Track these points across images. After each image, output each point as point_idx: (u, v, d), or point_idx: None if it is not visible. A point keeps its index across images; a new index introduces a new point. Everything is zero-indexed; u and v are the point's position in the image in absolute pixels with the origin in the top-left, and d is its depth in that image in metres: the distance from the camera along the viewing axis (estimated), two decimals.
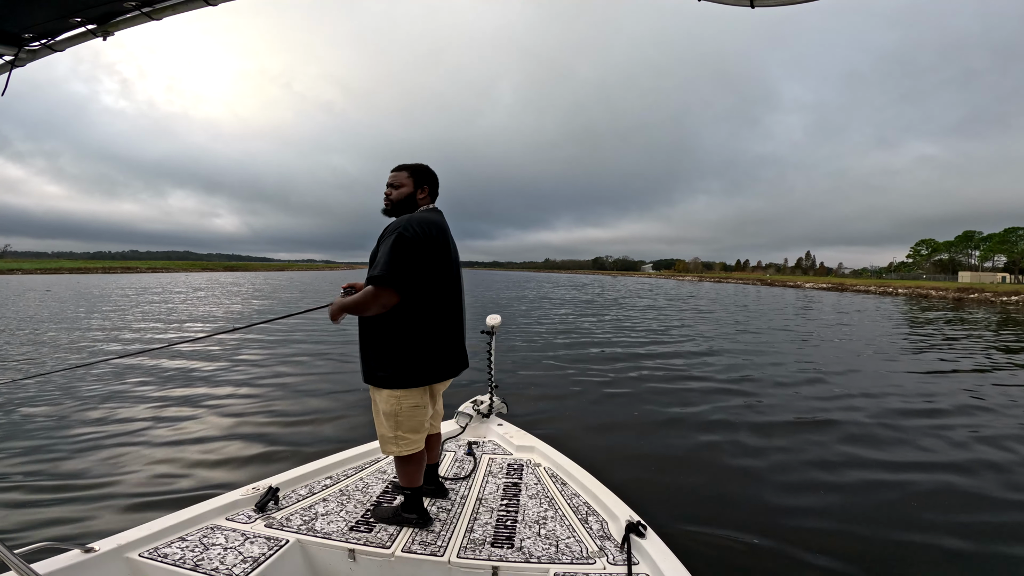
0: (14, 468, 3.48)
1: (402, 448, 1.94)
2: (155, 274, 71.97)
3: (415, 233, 1.80)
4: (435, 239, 1.88)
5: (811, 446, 4.28)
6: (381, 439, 1.99)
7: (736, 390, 6.25)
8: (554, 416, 5.04)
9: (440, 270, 1.91)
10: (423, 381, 1.93)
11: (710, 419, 4.98)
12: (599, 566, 1.72)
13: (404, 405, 1.91)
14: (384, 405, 1.92)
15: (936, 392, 6.34)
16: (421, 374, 1.92)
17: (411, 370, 1.89)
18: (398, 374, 1.88)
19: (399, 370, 1.88)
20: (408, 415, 1.92)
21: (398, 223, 1.84)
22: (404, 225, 1.81)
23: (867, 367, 8.08)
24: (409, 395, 1.91)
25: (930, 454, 4.13)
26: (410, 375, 1.89)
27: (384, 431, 1.96)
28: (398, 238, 1.77)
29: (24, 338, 9.71)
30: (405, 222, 1.83)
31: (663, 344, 10.26)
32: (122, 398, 5.36)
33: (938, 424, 4.94)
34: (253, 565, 1.66)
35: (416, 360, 1.89)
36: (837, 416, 5.14)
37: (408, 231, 1.79)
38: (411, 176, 1.99)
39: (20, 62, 1.43)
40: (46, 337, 9.86)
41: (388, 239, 1.79)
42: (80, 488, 3.20)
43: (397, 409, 1.91)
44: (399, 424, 1.92)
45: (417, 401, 1.94)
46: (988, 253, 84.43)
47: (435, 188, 2.08)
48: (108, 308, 16.74)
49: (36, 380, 5.92)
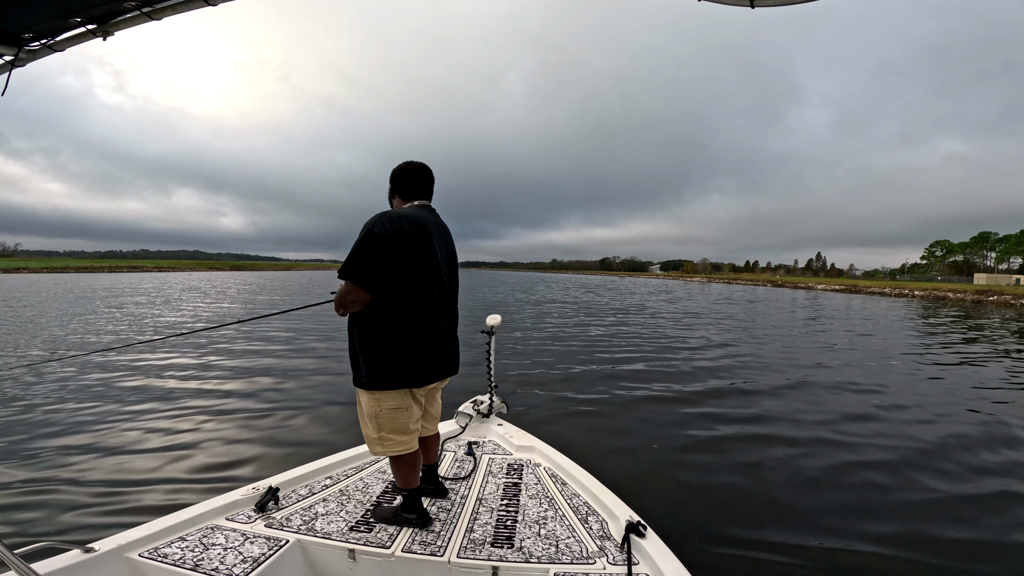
0: (14, 468, 3.50)
1: (388, 449, 1.92)
2: (160, 273, 71.58)
3: (384, 229, 1.76)
4: (410, 235, 1.81)
5: (811, 446, 4.23)
6: (367, 439, 1.98)
7: (738, 390, 6.19)
8: (554, 415, 5.02)
9: (418, 268, 1.85)
10: (401, 384, 1.87)
11: (710, 418, 4.93)
12: (599, 566, 1.71)
13: (384, 407, 1.88)
14: (366, 407, 1.92)
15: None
16: (399, 376, 1.86)
17: (388, 372, 1.85)
18: (376, 375, 1.85)
19: (377, 371, 1.84)
20: (389, 417, 1.89)
21: (371, 219, 1.81)
22: (375, 220, 1.79)
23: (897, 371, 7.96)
24: (387, 397, 1.88)
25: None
26: (387, 377, 1.85)
27: (368, 432, 1.95)
28: (366, 233, 1.75)
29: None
30: (377, 218, 1.80)
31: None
32: (122, 398, 5.39)
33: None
34: (253, 565, 1.65)
35: (393, 362, 1.84)
36: (839, 417, 5.08)
37: (378, 227, 1.76)
38: (390, 181, 2.06)
39: (20, 62, 1.45)
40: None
41: (361, 233, 1.78)
42: (80, 488, 3.22)
43: (377, 411, 1.89)
44: (381, 426, 1.90)
45: (397, 403, 1.89)
46: (1004, 255, 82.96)
47: (403, 187, 2.03)
48: (79, 311, 15.00)
49: (36, 380, 5.98)
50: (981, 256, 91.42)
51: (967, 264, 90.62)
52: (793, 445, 4.24)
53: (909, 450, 4.19)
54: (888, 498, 3.30)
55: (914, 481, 3.58)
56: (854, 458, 3.98)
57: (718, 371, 7.43)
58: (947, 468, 3.81)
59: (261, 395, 5.64)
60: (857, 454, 4.07)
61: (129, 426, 4.45)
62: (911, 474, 3.69)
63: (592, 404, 5.50)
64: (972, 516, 3.06)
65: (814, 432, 4.60)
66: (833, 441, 4.36)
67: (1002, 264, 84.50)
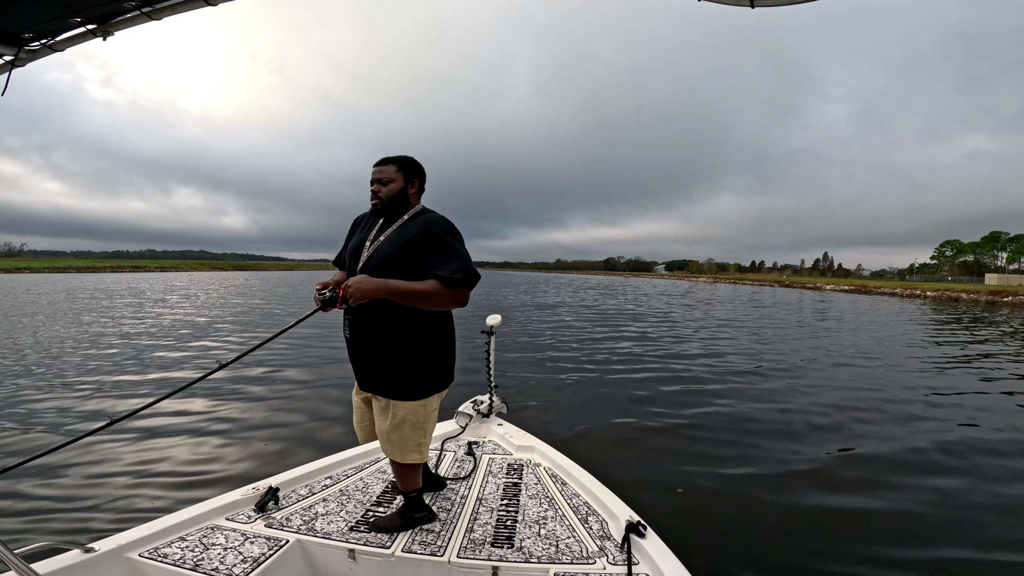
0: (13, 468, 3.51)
1: (424, 454, 1.92)
2: (162, 273, 71.01)
3: (460, 237, 1.85)
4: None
5: (814, 446, 4.21)
6: (405, 449, 1.85)
7: (739, 391, 6.15)
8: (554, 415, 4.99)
9: None
10: (443, 386, 1.94)
11: (712, 419, 4.91)
12: (599, 566, 1.70)
13: (429, 412, 1.90)
14: (412, 415, 1.85)
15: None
16: (443, 379, 1.93)
17: (438, 376, 1.89)
18: (430, 381, 1.86)
19: (430, 377, 1.86)
20: (432, 420, 1.93)
21: (451, 225, 1.82)
22: (455, 228, 1.83)
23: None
24: (432, 402, 1.91)
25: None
26: (437, 381, 1.89)
27: (413, 440, 1.86)
28: (461, 242, 1.81)
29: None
30: (454, 226, 1.83)
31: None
32: (121, 398, 5.41)
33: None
34: (253, 565, 1.65)
35: (441, 366, 1.90)
36: (849, 419, 5.02)
37: (458, 235, 1.83)
38: (400, 170, 1.86)
39: (20, 62, 1.46)
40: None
41: (446, 238, 1.76)
42: (80, 488, 3.23)
43: (424, 417, 1.88)
44: (425, 432, 1.90)
45: (435, 406, 1.94)
46: (1016, 254, 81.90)
47: (424, 182, 1.94)
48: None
49: (35, 380, 6.03)
50: (992, 256, 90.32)
51: (977, 264, 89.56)
52: (796, 446, 4.20)
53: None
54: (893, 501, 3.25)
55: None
56: (858, 463, 3.91)
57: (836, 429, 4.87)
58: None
59: (261, 395, 5.66)
60: (865, 457, 4.01)
61: (129, 425, 4.45)
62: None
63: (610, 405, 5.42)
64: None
65: (818, 434, 4.53)
66: (838, 441, 4.31)
67: (1013, 264, 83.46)
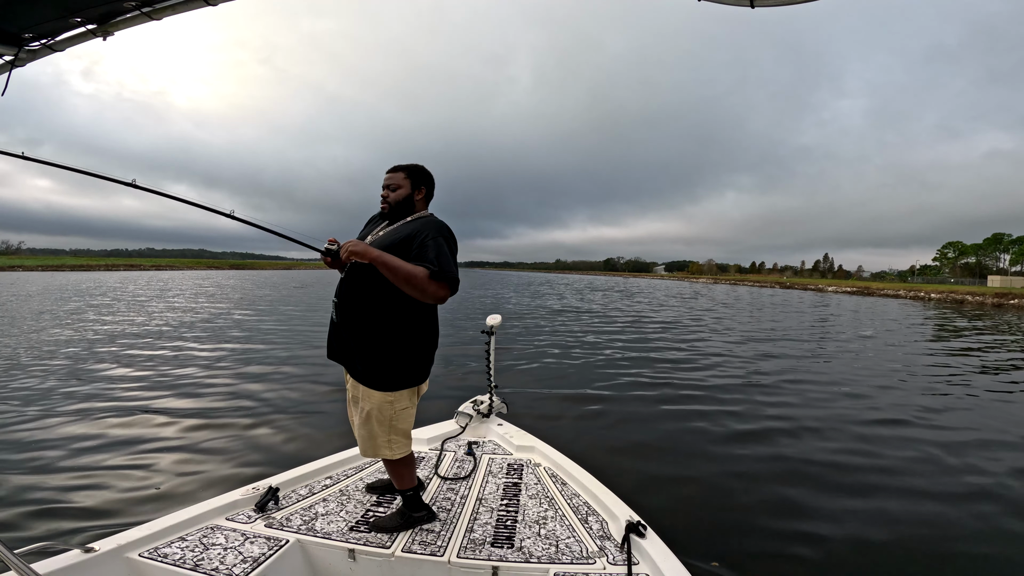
0: (13, 468, 3.50)
1: (395, 451, 1.92)
2: (158, 272, 69.81)
3: (455, 244, 1.91)
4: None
5: (815, 447, 4.20)
6: (371, 443, 1.91)
7: (740, 397, 6.14)
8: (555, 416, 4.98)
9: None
10: (416, 381, 1.94)
11: (711, 419, 4.90)
12: (599, 566, 1.70)
13: (398, 409, 1.90)
14: (378, 409, 1.88)
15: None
16: (417, 374, 1.93)
17: (408, 370, 1.89)
18: (399, 375, 1.87)
19: (399, 371, 1.87)
20: (402, 417, 1.92)
21: (444, 227, 1.89)
22: (450, 233, 1.89)
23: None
24: (401, 397, 1.90)
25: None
26: (410, 375, 1.90)
27: (376, 434, 1.90)
28: (450, 244, 1.85)
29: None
30: (449, 230, 1.90)
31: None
32: (120, 397, 5.39)
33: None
34: (253, 565, 1.65)
35: (418, 361, 1.91)
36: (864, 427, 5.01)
37: (452, 241, 1.89)
38: (408, 177, 2.00)
39: (20, 62, 1.46)
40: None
41: (437, 238, 1.82)
42: (80, 488, 3.22)
43: (391, 413, 1.89)
44: (392, 428, 1.90)
45: (407, 403, 1.93)
46: (1020, 256, 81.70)
47: (432, 189, 2.06)
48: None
49: (34, 379, 6.03)
50: (994, 258, 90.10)
51: (979, 266, 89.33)
52: (797, 446, 4.19)
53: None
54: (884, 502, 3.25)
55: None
56: (859, 464, 3.91)
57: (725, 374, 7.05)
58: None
59: (260, 395, 5.64)
60: (866, 462, 4.00)
61: (129, 425, 4.46)
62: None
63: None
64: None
65: (819, 435, 4.54)
66: (840, 441, 4.30)
67: (1015, 266, 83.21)
